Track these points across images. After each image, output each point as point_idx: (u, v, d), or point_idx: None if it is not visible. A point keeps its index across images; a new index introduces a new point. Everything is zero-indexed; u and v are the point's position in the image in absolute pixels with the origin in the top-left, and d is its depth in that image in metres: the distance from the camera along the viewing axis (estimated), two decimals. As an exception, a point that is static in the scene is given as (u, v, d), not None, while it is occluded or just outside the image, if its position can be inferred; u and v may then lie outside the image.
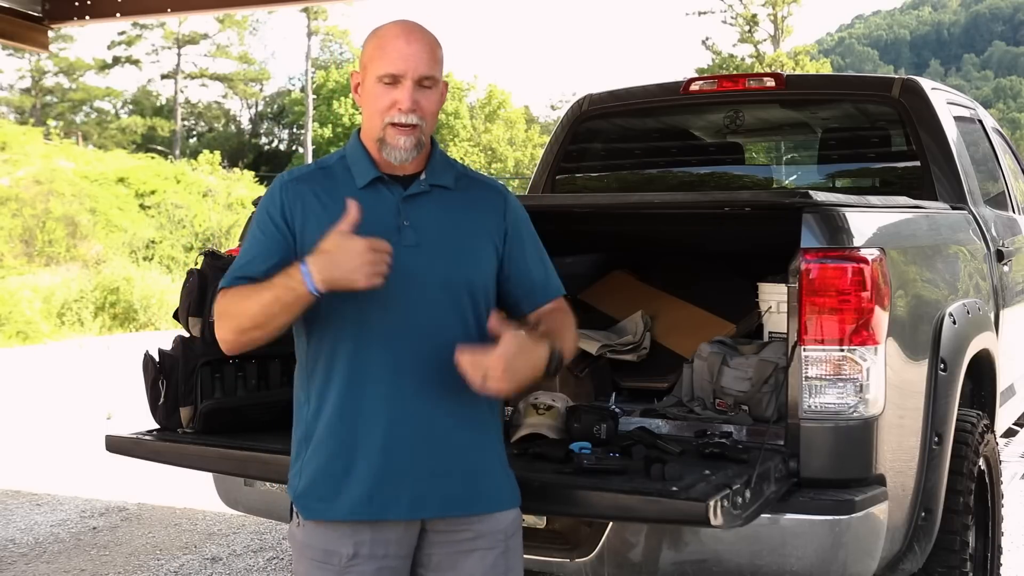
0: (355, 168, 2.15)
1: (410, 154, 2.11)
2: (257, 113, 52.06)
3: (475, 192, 2.24)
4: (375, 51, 2.12)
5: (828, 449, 2.63)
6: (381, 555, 2.10)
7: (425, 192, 2.15)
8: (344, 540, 2.08)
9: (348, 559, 2.08)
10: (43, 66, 42.77)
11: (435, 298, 2.10)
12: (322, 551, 2.10)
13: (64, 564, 4.85)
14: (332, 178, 2.16)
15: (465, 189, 2.22)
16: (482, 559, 2.15)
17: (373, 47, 2.13)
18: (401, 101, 2.08)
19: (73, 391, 10.29)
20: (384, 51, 2.10)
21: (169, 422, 3.10)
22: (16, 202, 18.84)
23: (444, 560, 2.15)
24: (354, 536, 2.08)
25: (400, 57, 2.08)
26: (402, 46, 2.09)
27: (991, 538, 3.60)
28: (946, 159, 4.07)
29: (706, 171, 5.22)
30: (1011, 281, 4.31)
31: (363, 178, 2.14)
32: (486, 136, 45.46)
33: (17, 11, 6.33)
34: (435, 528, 2.14)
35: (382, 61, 2.10)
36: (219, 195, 23.20)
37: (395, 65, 2.08)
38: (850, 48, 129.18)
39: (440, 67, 2.15)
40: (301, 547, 2.15)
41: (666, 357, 3.49)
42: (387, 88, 2.09)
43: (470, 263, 2.16)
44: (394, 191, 2.14)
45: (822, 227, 2.61)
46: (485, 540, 2.15)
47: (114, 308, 16.53)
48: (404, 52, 2.09)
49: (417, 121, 2.10)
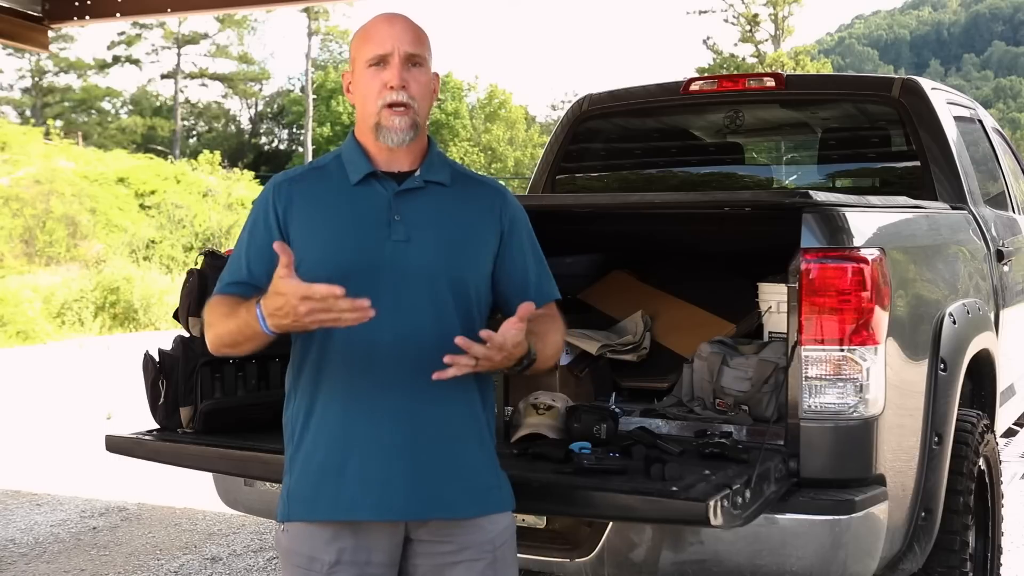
0: (349, 166, 2.15)
1: (407, 135, 2.10)
2: (257, 113, 52.10)
3: (472, 190, 2.22)
4: (360, 42, 2.15)
5: (828, 449, 2.63)
6: (363, 561, 2.07)
7: (420, 188, 2.14)
8: (327, 546, 2.06)
9: (330, 566, 2.06)
10: (43, 66, 42.81)
11: (423, 294, 2.07)
12: (306, 557, 2.08)
13: (64, 564, 4.85)
14: (326, 178, 2.16)
15: (462, 187, 2.20)
16: (468, 570, 2.10)
17: (359, 39, 2.16)
18: (391, 79, 2.09)
19: (73, 391, 10.29)
20: (368, 36, 2.13)
21: (169, 422, 3.10)
22: (16, 202, 18.85)
23: (429, 572, 2.11)
24: (337, 542, 2.06)
25: (385, 37, 2.11)
26: (385, 27, 2.12)
27: (991, 538, 3.60)
28: (946, 159, 4.07)
29: (706, 171, 5.22)
30: (1011, 281, 4.31)
31: (356, 174, 2.13)
32: (486, 136, 45.47)
33: (17, 11, 6.33)
34: (419, 538, 2.10)
35: (368, 46, 2.12)
36: (219, 195, 23.21)
37: (381, 45, 2.10)
38: (850, 48, 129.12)
39: (427, 51, 2.16)
40: (286, 552, 2.13)
41: (666, 357, 3.49)
42: (376, 71, 2.10)
43: (462, 260, 2.13)
44: (387, 187, 2.13)
45: (822, 227, 2.61)
46: (471, 551, 2.10)
47: (114, 308, 16.52)
48: (388, 32, 2.11)
49: (408, 100, 2.09)
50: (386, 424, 2.05)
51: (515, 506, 2.20)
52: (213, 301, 2.12)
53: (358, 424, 2.06)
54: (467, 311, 2.12)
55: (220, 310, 2.07)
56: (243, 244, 2.16)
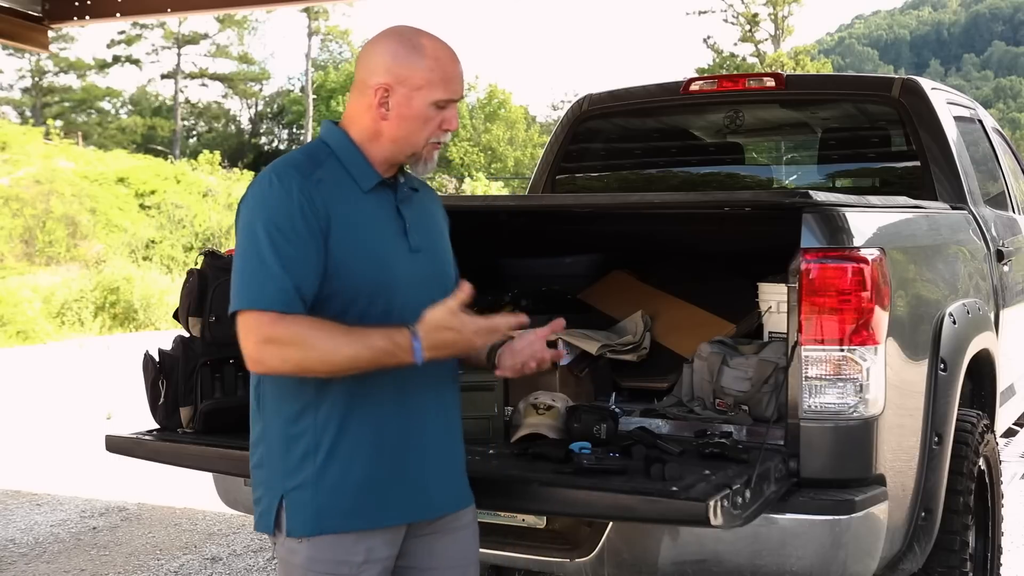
0: (355, 171, 2.09)
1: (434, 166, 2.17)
2: (257, 113, 52.06)
3: (428, 192, 2.30)
4: (431, 74, 2.06)
5: (828, 449, 2.62)
6: (385, 556, 2.10)
7: (408, 195, 2.18)
8: (356, 547, 2.06)
9: (359, 566, 2.06)
10: (43, 66, 42.79)
11: (435, 300, 2.06)
12: (333, 562, 2.04)
13: (64, 564, 4.85)
14: (339, 183, 2.06)
15: (422, 190, 2.27)
16: (454, 540, 2.21)
17: (424, 69, 2.06)
18: (451, 122, 2.11)
19: (73, 391, 10.29)
20: (444, 73, 2.08)
21: (169, 422, 3.10)
22: (16, 202, 18.85)
23: (419, 547, 2.17)
24: (366, 541, 2.06)
25: (458, 81, 2.11)
26: (458, 70, 2.11)
27: (991, 538, 3.60)
28: (946, 159, 4.07)
29: (706, 171, 5.22)
30: (1011, 281, 4.31)
31: (367, 182, 2.10)
32: (486, 136, 45.45)
33: (17, 11, 6.33)
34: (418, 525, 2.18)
35: (443, 87, 2.07)
36: (219, 195, 23.21)
37: (456, 92, 2.10)
38: (850, 48, 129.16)
39: None
40: (306, 562, 2.03)
41: (666, 357, 3.49)
42: (439, 111, 2.09)
43: (449, 263, 2.26)
44: (388, 195, 2.14)
45: (822, 227, 2.61)
46: (454, 523, 2.21)
47: (114, 308, 16.52)
48: (459, 75, 2.11)
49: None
50: (421, 430, 2.11)
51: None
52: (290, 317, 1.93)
53: (397, 432, 2.08)
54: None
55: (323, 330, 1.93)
56: (290, 251, 1.94)
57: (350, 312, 2.00)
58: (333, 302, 2.00)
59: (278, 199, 1.98)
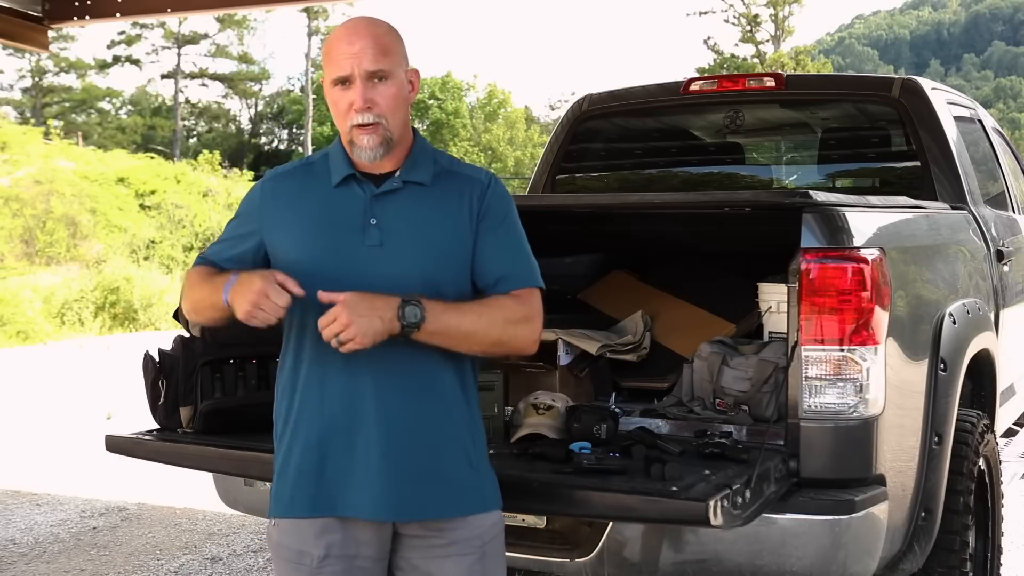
0: (332, 166, 2.18)
1: (376, 152, 2.10)
2: (257, 113, 52.06)
3: (451, 185, 2.17)
4: (325, 57, 2.16)
5: (828, 449, 2.62)
6: (352, 555, 2.10)
7: (397, 189, 2.14)
8: (316, 540, 2.10)
9: (319, 560, 2.10)
10: (43, 66, 42.79)
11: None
12: (296, 551, 2.13)
13: (64, 564, 4.85)
14: (311, 177, 2.20)
15: (444, 184, 2.17)
16: (457, 565, 2.13)
17: (324, 54, 2.17)
18: (355, 101, 2.09)
19: (73, 391, 10.29)
20: (331, 56, 2.12)
21: (169, 422, 3.10)
22: (16, 202, 18.83)
23: (420, 564, 2.14)
24: (325, 536, 2.10)
25: (344, 58, 2.09)
26: (344, 47, 2.10)
27: (991, 538, 3.60)
28: (946, 159, 4.07)
29: (706, 171, 5.22)
30: (1011, 281, 4.31)
31: (337, 176, 2.16)
32: (486, 136, 45.47)
33: (17, 11, 6.33)
34: (408, 532, 2.13)
35: (331, 66, 2.12)
36: (219, 195, 23.19)
37: (341, 68, 2.10)
38: (850, 48, 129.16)
39: (392, 58, 2.12)
40: (276, 547, 2.18)
41: (666, 357, 3.49)
42: (343, 91, 2.11)
43: (438, 263, 2.12)
44: (366, 189, 2.14)
45: (822, 227, 2.61)
46: (460, 546, 2.12)
47: (114, 308, 16.52)
48: (347, 52, 2.09)
49: (375, 119, 2.09)
50: (363, 424, 2.08)
51: (501, 505, 2.20)
52: (194, 269, 2.23)
53: (335, 424, 2.09)
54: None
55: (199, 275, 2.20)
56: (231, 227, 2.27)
57: (311, 304, 2.03)
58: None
59: (251, 190, 2.29)
